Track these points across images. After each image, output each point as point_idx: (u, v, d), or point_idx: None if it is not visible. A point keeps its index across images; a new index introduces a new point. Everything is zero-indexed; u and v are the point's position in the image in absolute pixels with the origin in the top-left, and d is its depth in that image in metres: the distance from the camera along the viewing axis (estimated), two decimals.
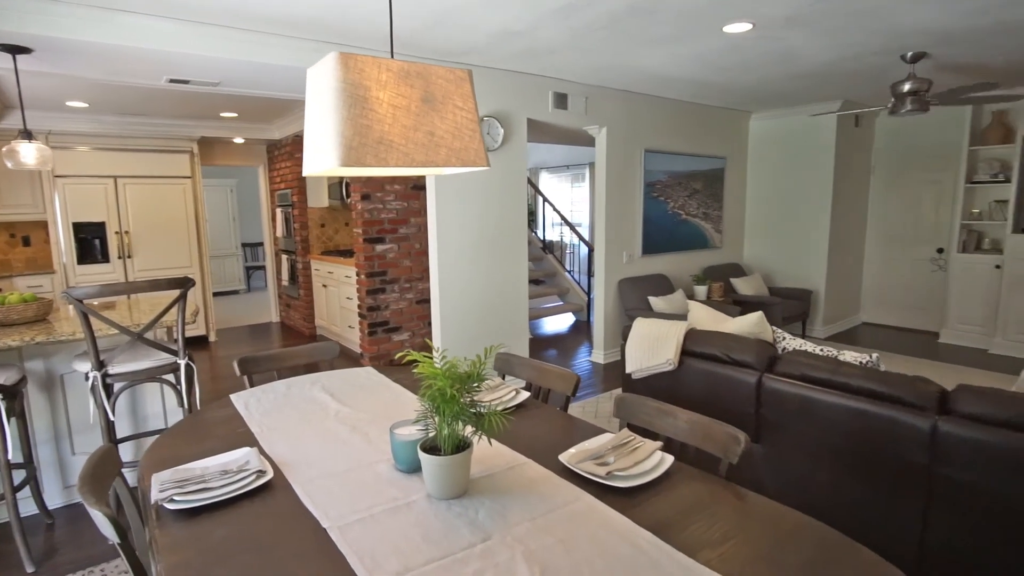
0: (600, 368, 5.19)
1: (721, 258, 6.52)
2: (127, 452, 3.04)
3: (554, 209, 8.30)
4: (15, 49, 2.91)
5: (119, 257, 5.67)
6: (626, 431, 1.66)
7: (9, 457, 2.33)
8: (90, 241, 5.52)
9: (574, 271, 8.10)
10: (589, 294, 7.45)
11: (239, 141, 6.69)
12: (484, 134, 4.13)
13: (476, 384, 1.35)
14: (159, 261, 5.89)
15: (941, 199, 5.99)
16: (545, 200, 8.49)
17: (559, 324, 7.10)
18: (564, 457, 1.53)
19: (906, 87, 3.93)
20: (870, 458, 2.07)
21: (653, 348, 2.83)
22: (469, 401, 1.35)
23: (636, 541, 1.19)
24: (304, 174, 1.37)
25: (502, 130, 4.28)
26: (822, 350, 2.48)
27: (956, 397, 1.91)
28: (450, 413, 1.32)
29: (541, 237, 8.41)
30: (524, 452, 1.62)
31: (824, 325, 6.13)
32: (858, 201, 6.36)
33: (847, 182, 6.10)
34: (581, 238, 7.96)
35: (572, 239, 9.86)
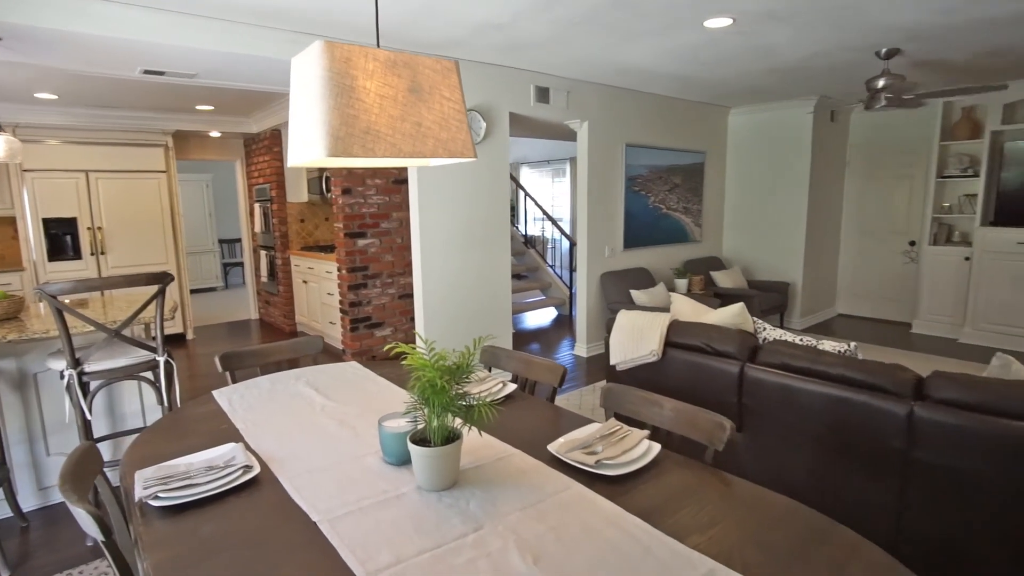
0: (583, 361, 5.22)
1: (701, 252, 6.59)
2: (105, 452, 2.97)
3: (536, 204, 8.31)
4: None
5: (92, 254, 5.53)
6: (613, 420, 1.67)
7: None
8: (61, 237, 5.37)
9: (556, 266, 8.13)
10: (571, 288, 7.49)
11: (215, 135, 6.56)
12: None
13: (466, 375, 1.36)
14: (134, 258, 5.76)
15: (913, 193, 6.14)
16: (527, 195, 8.50)
17: (541, 318, 7.12)
18: (553, 447, 1.54)
19: (880, 83, 4.02)
20: (849, 444, 2.12)
21: (637, 340, 2.86)
22: (458, 393, 1.35)
23: (626, 527, 1.20)
24: (289, 165, 1.36)
25: (484, 124, 4.27)
26: (802, 340, 2.53)
27: (931, 383, 1.96)
28: (440, 404, 1.32)
29: (523, 232, 8.42)
30: (513, 443, 1.62)
31: (801, 317, 6.24)
32: (834, 195, 6.48)
33: (823, 176, 6.21)
34: (563, 232, 7.99)
35: (554, 234, 9.89)
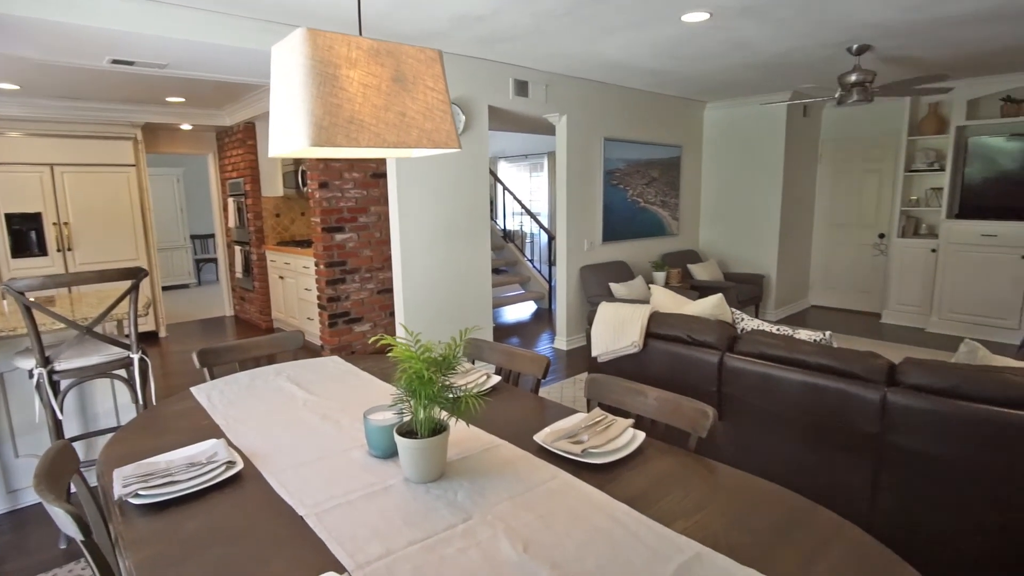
0: (563, 354, 5.25)
1: (678, 245, 6.67)
2: (78, 453, 2.89)
3: (514, 198, 8.30)
4: None
5: (58, 250, 5.36)
6: (598, 410, 1.69)
7: None
8: (25, 233, 5.19)
9: (534, 260, 8.14)
10: (550, 282, 7.51)
11: (186, 128, 6.40)
12: None
13: (452, 367, 1.35)
14: (103, 254, 5.60)
15: (882, 187, 6.30)
16: (505, 189, 8.48)
17: (521, 312, 7.14)
18: (539, 437, 1.55)
19: (852, 78, 4.11)
20: (825, 429, 2.18)
21: (618, 331, 2.88)
22: (444, 384, 1.34)
23: (614, 514, 1.21)
24: (271, 155, 1.33)
25: (464, 117, 4.25)
26: (779, 330, 2.59)
27: (903, 370, 2.02)
28: (427, 396, 1.32)
29: (501, 226, 8.41)
30: (499, 434, 1.63)
31: (776, 308, 6.37)
32: (806, 189, 6.61)
33: (796, 170, 6.33)
34: (542, 226, 8.00)
35: (532, 228, 9.90)
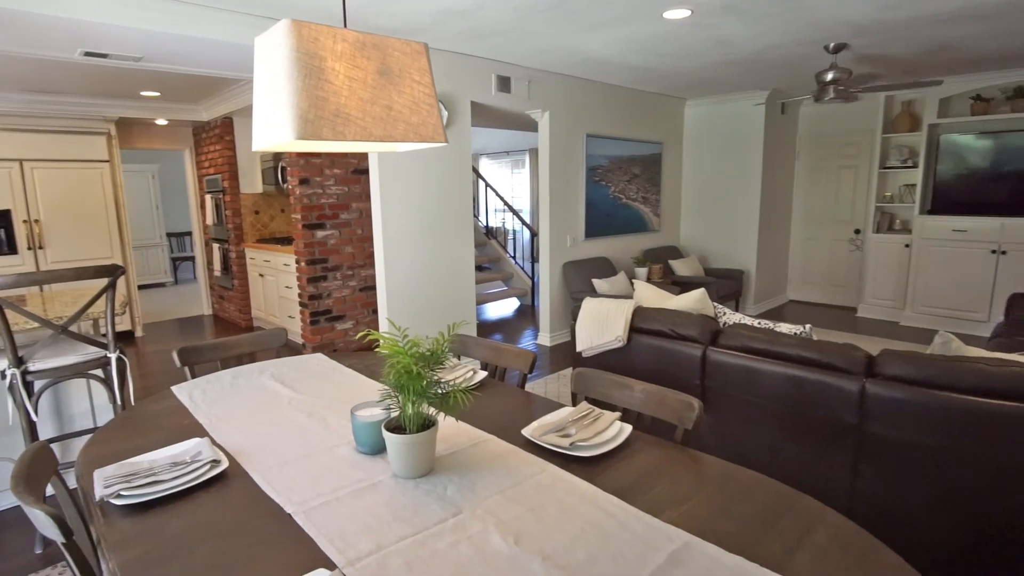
0: (547, 350, 5.27)
1: (659, 241, 6.73)
2: None
3: (497, 195, 8.29)
4: None
5: (29, 248, 5.21)
6: (584, 404, 1.70)
7: None
8: None
9: (517, 256, 8.15)
10: (533, 279, 7.52)
11: (162, 123, 6.27)
12: None
13: (440, 362, 1.35)
14: (76, 252, 5.46)
15: (857, 183, 6.43)
16: (488, 185, 8.47)
17: (504, 309, 7.14)
18: (527, 431, 1.55)
19: (829, 76, 4.18)
20: (806, 420, 2.22)
21: (602, 326, 2.90)
22: (432, 380, 1.34)
23: (603, 506, 1.23)
24: (254, 149, 1.31)
25: (446, 112, 4.23)
26: (760, 323, 2.63)
27: (881, 361, 2.07)
28: (415, 391, 1.31)
29: (484, 223, 8.40)
30: (487, 429, 1.63)
31: (755, 303, 6.46)
32: (784, 185, 6.72)
33: (774, 167, 6.42)
34: (524, 223, 8.01)
35: (515, 225, 9.90)
